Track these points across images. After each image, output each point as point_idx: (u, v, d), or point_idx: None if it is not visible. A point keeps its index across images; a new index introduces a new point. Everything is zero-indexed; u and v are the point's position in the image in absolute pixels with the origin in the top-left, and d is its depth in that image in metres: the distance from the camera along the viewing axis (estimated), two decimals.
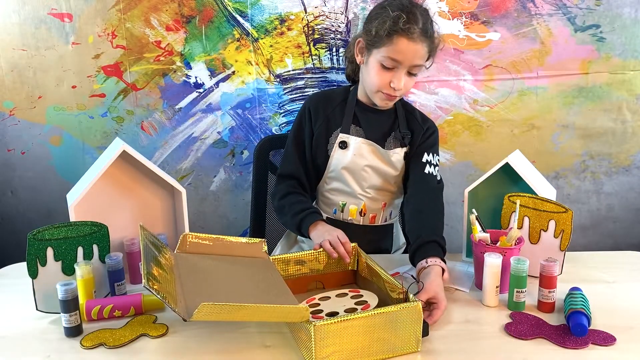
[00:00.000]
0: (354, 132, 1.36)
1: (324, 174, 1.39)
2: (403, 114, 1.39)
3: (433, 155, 1.37)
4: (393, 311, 0.91)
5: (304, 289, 1.18)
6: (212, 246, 1.15)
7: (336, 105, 1.39)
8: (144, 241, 1.01)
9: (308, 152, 1.40)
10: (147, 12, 1.80)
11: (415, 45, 1.21)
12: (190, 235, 1.14)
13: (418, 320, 0.93)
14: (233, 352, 0.96)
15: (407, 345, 0.94)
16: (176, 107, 1.91)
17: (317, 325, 0.87)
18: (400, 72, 1.24)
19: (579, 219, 2.00)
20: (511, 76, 1.86)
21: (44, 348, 0.98)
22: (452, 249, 1.45)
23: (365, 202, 1.38)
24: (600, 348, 0.95)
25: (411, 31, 1.19)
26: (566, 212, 1.19)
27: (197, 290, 0.98)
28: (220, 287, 1.01)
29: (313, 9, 1.81)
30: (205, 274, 1.05)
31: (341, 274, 1.21)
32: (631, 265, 1.31)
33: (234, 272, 1.08)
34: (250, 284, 1.04)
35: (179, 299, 0.93)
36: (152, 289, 0.86)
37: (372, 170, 1.36)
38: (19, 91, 1.88)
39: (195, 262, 1.09)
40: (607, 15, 1.79)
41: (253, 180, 1.66)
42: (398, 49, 1.21)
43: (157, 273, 0.95)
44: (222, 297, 0.95)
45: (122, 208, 1.26)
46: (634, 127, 1.91)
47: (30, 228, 1.08)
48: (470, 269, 1.26)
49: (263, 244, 1.18)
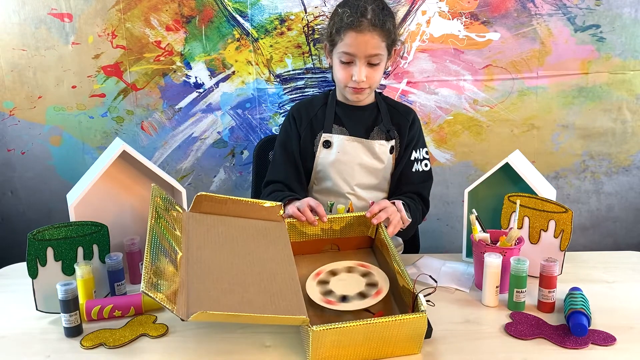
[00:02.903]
0: (337, 131, 1.38)
1: (312, 175, 1.40)
2: (385, 108, 1.41)
3: (419, 150, 1.41)
4: (397, 320, 0.89)
5: (319, 249, 1.19)
6: (227, 207, 1.13)
7: (318, 109, 1.42)
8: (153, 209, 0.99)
9: (297, 156, 1.41)
10: (147, 12, 1.81)
11: (364, 36, 1.24)
12: (205, 196, 1.12)
13: (422, 328, 0.91)
14: (233, 352, 0.96)
15: (407, 349, 0.93)
16: (176, 107, 1.91)
17: (315, 331, 0.86)
18: (359, 65, 1.27)
19: (579, 219, 2.00)
20: (511, 76, 1.86)
21: (44, 348, 0.98)
22: (452, 249, 1.45)
23: (352, 200, 1.39)
24: (600, 348, 0.95)
25: (356, 23, 1.23)
26: (566, 212, 1.19)
27: (202, 273, 0.97)
28: (225, 268, 1.00)
29: (313, 9, 1.81)
30: (215, 249, 1.04)
31: (357, 239, 1.21)
32: (631, 265, 1.31)
33: (244, 246, 1.07)
34: (257, 265, 1.03)
35: (181, 288, 0.92)
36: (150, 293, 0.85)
37: (358, 166, 1.37)
38: (19, 91, 1.88)
39: (207, 229, 1.07)
40: (607, 15, 1.79)
41: (253, 180, 1.67)
42: (349, 43, 1.25)
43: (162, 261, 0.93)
44: (225, 285, 0.95)
45: (122, 208, 1.26)
46: (634, 127, 1.91)
47: (30, 228, 1.08)
48: (470, 269, 1.26)
49: (280, 208, 1.17)
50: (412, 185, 1.40)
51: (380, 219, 1.16)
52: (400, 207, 1.26)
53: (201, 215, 1.12)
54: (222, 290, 0.94)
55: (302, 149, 1.40)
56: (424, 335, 0.93)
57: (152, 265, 0.90)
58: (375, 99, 1.41)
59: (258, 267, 1.02)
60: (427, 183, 1.42)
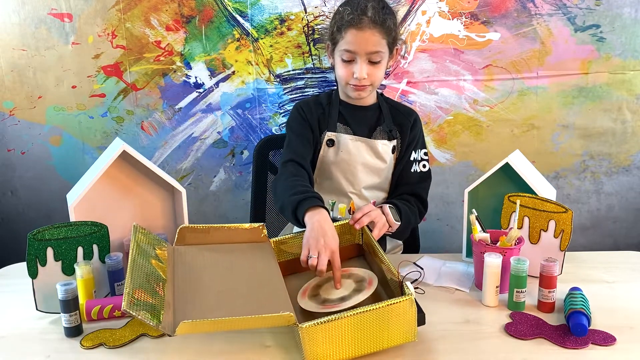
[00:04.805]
0: (341, 130, 1.38)
1: (314, 173, 1.40)
2: (387, 108, 1.42)
3: (418, 151, 1.42)
4: (384, 307, 0.89)
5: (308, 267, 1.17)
6: (210, 236, 1.14)
7: (323, 108, 1.42)
8: (134, 244, 1.00)
9: (309, 136, 1.38)
10: (147, 12, 1.81)
11: (364, 33, 1.25)
12: (187, 228, 1.13)
13: (412, 312, 0.91)
14: (233, 352, 0.96)
15: (402, 336, 0.93)
16: (176, 107, 1.91)
17: (304, 328, 0.86)
18: (360, 62, 1.27)
19: (579, 219, 2.00)
20: (511, 76, 1.86)
21: (44, 348, 0.98)
22: (452, 249, 1.45)
23: (353, 200, 1.39)
24: (600, 348, 0.95)
25: (357, 21, 1.24)
26: (566, 212, 1.19)
27: (188, 292, 0.97)
28: (213, 287, 0.99)
29: (313, 9, 1.81)
30: (200, 270, 1.04)
31: (347, 249, 1.20)
32: (631, 265, 1.31)
33: (229, 266, 1.07)
34: (243, 280, 1.03)
35: (166, 308, 0.91)
36: (131, 311, 0.84)
37: (361, 166, 1.37)
38: (19, 91, 1.88)
39: (192, 257, 1.08)
40: (607, 15, 1.79)
41: (253, 180, 1.66)
42: (349, 40, 1.26)
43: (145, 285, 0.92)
44: (213, 299, 0.94)
45: (122, 208, 1.26)
46: (634, 127, 1.91)
47: (30, 228, 1.08)
48: (470, 269, 1.26)
49: (262, 228, 1.17)
50: (409, 185, 1.40)
51: (363, 224, 1.16)
52: (386, 211, 1.26)
53: (186, 247, 1.12)
54: (209, 306, 0.93)
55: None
56: (415, 320, 0.92)
57: (134, 287, 0.89)
58: (377, 99, 1.42)
59: (245, 282, 1.02)
60: (425, 183, 1.42)
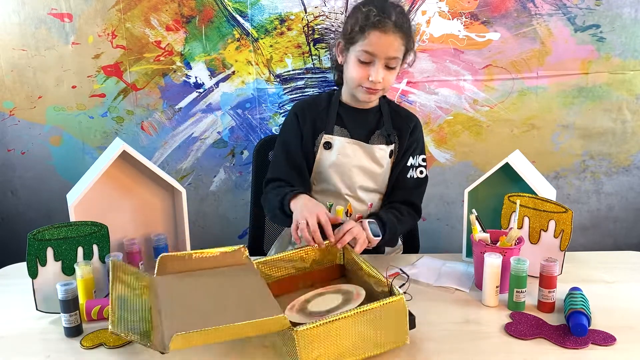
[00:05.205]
0: (338, 133, 1.38)
1: (311, 176, 1.40)
2: (388, 112, 1.41)
3: (417, 156, 1.41)
4: (376, 307, 0.90)
5: (294, 288, 1.17)
6: (191, 262, 1.11)
7: (321, 109, 1.41)
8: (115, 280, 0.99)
9: (299, 155, 1.39)
10: (147, 12, 1.80)
11: (388, 37, 1.24)
12: (168, 256, 1.10)
13: (403, 314, 0.92)
14: (233, 352, 0.96)
15: (394, 340, 0.93)
16: (176, 107, 1.91)
17: (299, 331, 0.86)
18: (377, 65, 1.26)
19: (579, 219, 2.00)
20: (511, 76, 1.86)
21: (44, 348, 0.98)
22: (452, 249, 1.45)
23: (350, 202, 1.39)
24: (600, 348, 0.95)
25: (383, 24, 1.23)
26: (566, 212, 1.19)
27: (175, 314, 0.95)
28: (200, 306, 0.98)
29: (313, 9, 1.81)
30: (185, 294, 1.02)
31: (329, 270, 1.20)
32: (631, 265, 1.31)
33: (215, 286, 1.05)
34: (231, 297, 1.01)
35: (155, 330, 0.90)
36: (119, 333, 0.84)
37: (358, 169, 1.37)
38: (19, 91, 1.88)
39: (175, 283, 1.06)
40: (607, 15, 1.79)
41: (253, 180, 1.66)
42: (372, 42, 1.24)
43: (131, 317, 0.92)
44: (200, 319, 0.92)
45: (122, 208, 1.26)
46: (634, 127, 1.91)
47: (30, 228, 1.08)
48: (470, 269, 1.26)
49: (243, 250, 1.14)
50: (404, 190, 1.39)
51: (344, 242, 1.15)
52: (365, 226, 1.23)
53: (168, 276, 1.09)
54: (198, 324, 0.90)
55: (304, 148, 1.40)
56: (407, 322, 0.92)
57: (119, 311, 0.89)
58: (379, 102, 1.41)
59: (232, 299, 1.00)
60: (419, 190, 1.41)
